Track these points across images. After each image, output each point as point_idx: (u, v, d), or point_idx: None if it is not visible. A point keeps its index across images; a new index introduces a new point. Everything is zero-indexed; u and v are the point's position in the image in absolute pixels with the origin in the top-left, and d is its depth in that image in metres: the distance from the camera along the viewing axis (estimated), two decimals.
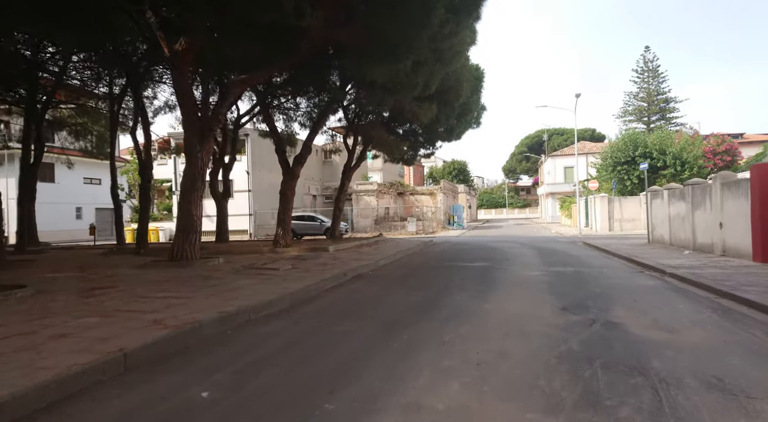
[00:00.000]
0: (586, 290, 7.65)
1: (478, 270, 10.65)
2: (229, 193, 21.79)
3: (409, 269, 11.14)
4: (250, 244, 19.08)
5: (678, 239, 15.28)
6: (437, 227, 37.57)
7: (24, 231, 18.55)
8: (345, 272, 9.74)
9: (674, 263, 10.98)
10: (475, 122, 20.71)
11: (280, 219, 15.63)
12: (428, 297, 7.35)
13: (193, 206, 11.13)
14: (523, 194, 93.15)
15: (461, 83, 16.24)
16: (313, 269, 10.13)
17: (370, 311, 6.47)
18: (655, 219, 17.45)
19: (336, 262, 11.50)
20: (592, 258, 13.32)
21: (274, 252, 14.42)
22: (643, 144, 28.21)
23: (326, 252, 14.25)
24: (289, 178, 15.66)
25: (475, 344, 4.62)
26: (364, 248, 16.50)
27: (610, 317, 5.70)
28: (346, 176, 20.73)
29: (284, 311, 6.48)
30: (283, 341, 4.99)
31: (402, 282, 9.15)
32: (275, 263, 10.96)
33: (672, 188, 16.04)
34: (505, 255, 14.36)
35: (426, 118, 15.04)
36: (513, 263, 12.19)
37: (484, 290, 7.89)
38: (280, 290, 7.46)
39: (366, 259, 12.40)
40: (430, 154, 22.04)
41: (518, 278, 9.26)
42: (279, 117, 24.50)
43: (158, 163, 36.79)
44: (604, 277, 9.28)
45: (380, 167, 57.64)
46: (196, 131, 10.99)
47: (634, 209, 27.91)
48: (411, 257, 14.32)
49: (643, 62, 65.45)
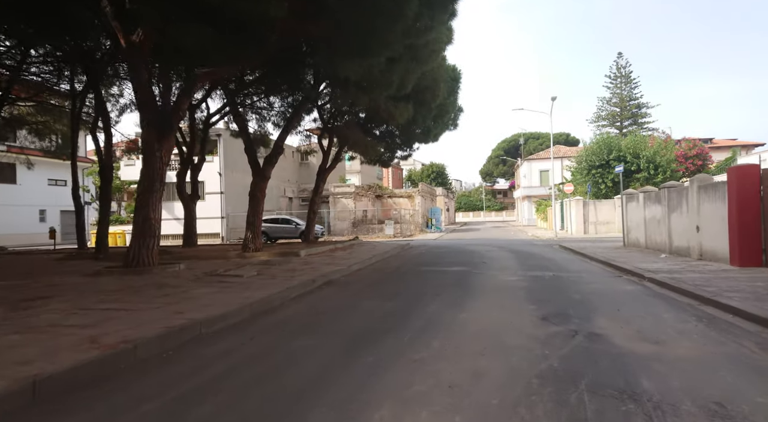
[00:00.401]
0: (566, 297, 7.29)
1: (455, 275, 10.23)
2: (198, 195, 20.87)
3: (384, 275, 10.64)
4: (220, 248, 18.27)
5: (654, 243, 15.25)
6: (415, 230, 37.24)
7: None
8: (314, 278, 9.17)
9: (652, 267, 10.81)
10: (453, 124, 20.42)
11: (250, 222, 14.92)
12: (401, 306, 6.85)
13: (151, 208, 10.37)
14: (500, 197, 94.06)
15: (438, 83, 15.89)
16: (281, 275, 9.52)
17: (336, 323, 5.93)
18: (631, 222, 17.44)
19: (306, 267, 10.91)
20: (569, 262, 13.09)
21: (242, 257, 13.71)
22: (617, 148, 28.51)
23: (297, 257, 13.63)
24: (259, 179, 14.98)
25: (448, 363, 4.14)
26: (338, 252, 15.93)
27: (592, 327, 5.32)
28: (321, 177, 20.12)
29: (241, 325, 5.88)
30: (232, 362, 4.41)
31: (375, 289, 8.63)
32: (240, 269, 10.29)
33: (648, 191, 16.03)
34: (483, 259, 14.02)
35: (402, 118, 14.62)
36: (490, 267, 11.83)
37: (461, 296, 7.44)
38: (239, 299, 6.85)
39: (339, 264, 11.84)
40: (407, 155, 21.67)
41: (496, 284, 8.86)
42: (252, 117, 23.73)
43: (126, 164, 35.45)
44: (583, 282, 8.98)
45: (359, 170, 57.17)
46: (154, 128, 10.25)
47: (608, 212, 28.17)
48: (387, 262, 13.83)
49: (616, 68, 66.94)
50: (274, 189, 38.85)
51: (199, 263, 12.44)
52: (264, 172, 14.97)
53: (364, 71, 10.93)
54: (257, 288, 7.87)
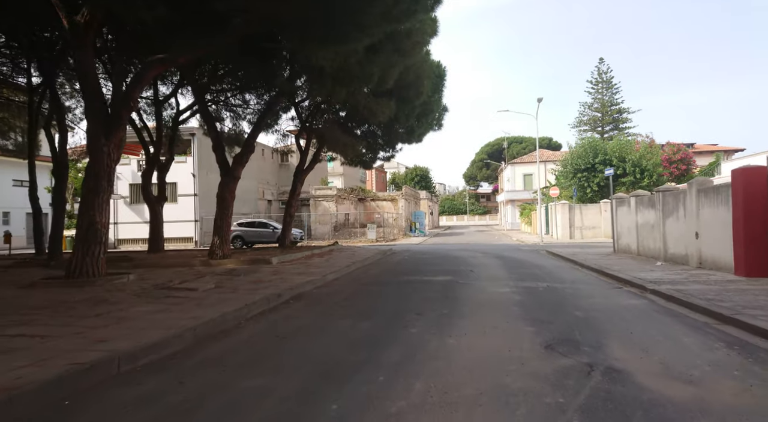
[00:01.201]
0: (568, 315, 6.35)
1: (440, 286, 9.24)
2: (165, 196, 19.48)
3: (361, 286, 9.58)
4: (188, 254, 16.96)
5: (647, 249, 14.55)
6: (398, 235, 36.26)
7: None
8: (281, 291, 8.06)
9: (650, 276, 10.02)
10: (437, 124, 19.51)
11: (217, 226, 13.70)
12: (378, 328, 5.80)
13: (97, 211, 9.12)
14: (483, 201, 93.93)
15: (422, 80, 14.96)
16: (243, 287, 8.38)
17: (298, 352, 4.86)
18: (621, 228, 16.77)
19: (275, 278, 9.78)
20: (561, 270, 12.25)
21: (207, 265, 12.49)
22: (603, 151, 28.07)
23: (268, 265, 12.47)
24: (228, 179, 13.78)
25: (434, 419, 3.11)
26: (314, 258, 14.81)
27: (607, 359, 4.36)
28: (299, 178, 18.97)
29: (178, 356, 4.75)
30: (149, 415, 3.30)
31: (349, 305, 7.56)
32: (198, 280, 9.12)
33: (640, 195, 15.35)
34: (470, 266, 13.09)
35: (384, 116, 13.63)
36: (478, 276, 10.89)
37: (448, 315, 6.43)
38: (185, 321, 5.71)
39: (313, 273, 10.74)
40: (390, 156, 20.69)
41: (486, 298, 7.89)
42: (226, 115, 22.48)
43: None
44: (582, 295, 8.08)
45: (341, 173, 55.98)
46: (101, 119, 9.02)
47: (594, 217, 27.66)
48: (366, 270, 12.77)
49: (598, 74, 67.27)
50: (252, 191, 37.42)
51: (156, 272, 11.19)
52: (234, 171, 13.78)
53: (341, 61, 9.91)
54: (211, 305, 6.73)
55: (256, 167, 37.87)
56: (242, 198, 36.01)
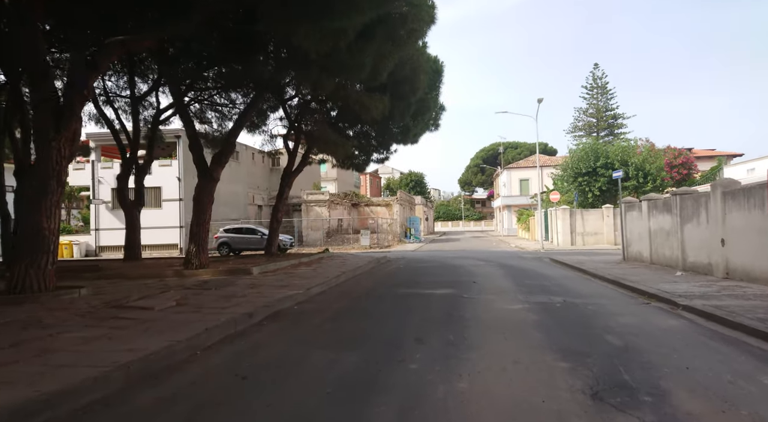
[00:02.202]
0: (602, 343, 5.16)
1: (440, 302, 8.03)
2: (142, 201, 18.17)
3: (350, 302, 8.34)
4: (165, 263, 15.64)
5: (661, 257, 13.45)
6: (393, 241, 35.05)
7: None
8: (254, 309, 6.81)
9: (676, 289, 8.89)
10: (434, 124, 18.39)
11: (194, 233, 12.42)
12: (368, 362, 4.58)
13: (44, 216, 7.84)
14: (478, 207, 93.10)
15: (418, 75, 13.84)
16: (209, 305, 7.12)
17: (256, 405, 3.62)
18: (631, 234, 15.67)
19: (251, 292, 8.52)
20: (572, 281, 11.09)
21: (180, 276, 11.21)
22: (604, 155, 27.09)
23: (248, 275, 11.21)
24: (206, 181, 12.53)
25: None
26: (301, 268, 13.54)
27: (683, 416, 3.18)
28: (286, 181, 17.74)
29: (91, 409, 3.50)
30: None
31: (334, 328, 6.31)
32: (160, 295, 7.84)
33: (653, 199, 14.27)
34: (471, 277, 11.90)
35: (377, 112, 12.46)
36: (483, 288, 9.69)
37: (454, 343, 5.22)
38: (119, 354, 4.46)
39: (296, 285, 9.49)
40: (384, 158, 19.54)
41: (497, 318, 6.69)
42: (211, 115, 21.30)
43: (74, 167, 32.20)
44: (608, 314, 6.90)
45: (335, 178, 54.84)
46: (50, 109, 7.77)
47: (596, 223, 26.62)
48: (357, 281, 11.54)
49: (593, 79, 66.93)
50: (241, 196, 36.10)
51: (119, 284, 9.89)
52: (212, 172, 12.53)
53: (328, 46, 8.73)
54: (162, 330, 5.48)
55: (245, 171, 36.60)
56: (231, 203, 34.71)
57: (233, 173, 35.27)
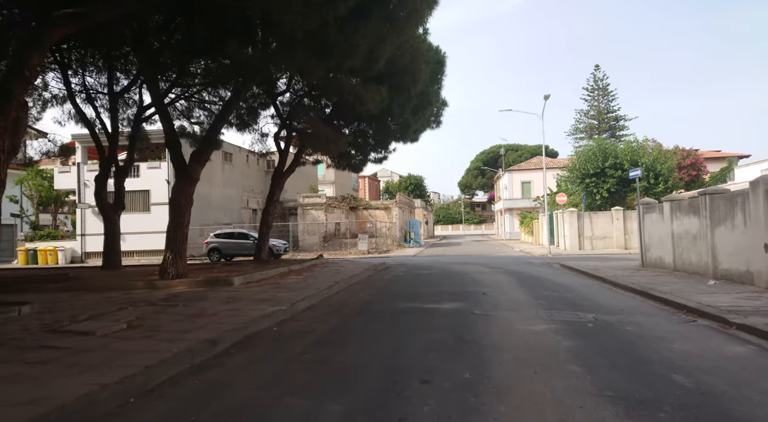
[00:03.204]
0: (668, 384, 3.90)
1: (447, 320, 6.76)
2: (123, 204, 16.92)
3: (340, 321, 7.06)
4: (143, 271, 14.36)
5: (687, 264, 12.21)
6: (392, 245, 33.78)
7: None
8: (221, 334, 5.55)
9: (718, 302, 7.67)
10: (435, 121, 17.16)
11: (170, 239, 11.15)
12: (358, 418, 3.32)
13: None
14: (478, 210, 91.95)
15: (418, 64, 12.63)
16: (168, 328, 5.85)
17: None
18: (650, 238, 14.44)
19: (224, 308, 7.25)
20: (594, 292, 9.84)
21: (152, 287, 9.94)
22: (613, 155, 25.88)
23: (228, 286, 9.94)
24: (184, 182, 11.27)
25: None
26: (290, 277, 12.27)
27: None
28: (277, 183, 16.50)
29: None
30: None
31: (315, 360, 5.01)
32: (115, 314, 6.57)
33: (676, 200, 13.05)
34: (480, 286, 10.64)
35: (374, 104, 11.24)
36: (495, 302, 8.43)
37: (472, 386, 3.94)
38: (9, 411, 3.20)
39: (280, 299, 8.22)
40: (382, 158, 18.29)
41: (521, 345, 5.41)
42: (199, 113, 20.13)
43: (60, 170, 30.99)
44: (654, 337, 5.65)
45: (332, 181, 53.61)
46: None
47: (605, 226, 25.38)
48: (352, 292, 10.27)
49: (594, 81, 66.12)
50: (235, 200, 34.84)
51: (78, 298, 8.61)
52: (191, 172, 11.28)
53: (316, 23, 7.52)
54: (94, 365, 4.21)
55: (240, 173, 35.37)
56: (224, 207, 33.43)
57: (226, 176, 34.03)
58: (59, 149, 21.00)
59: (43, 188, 31.97)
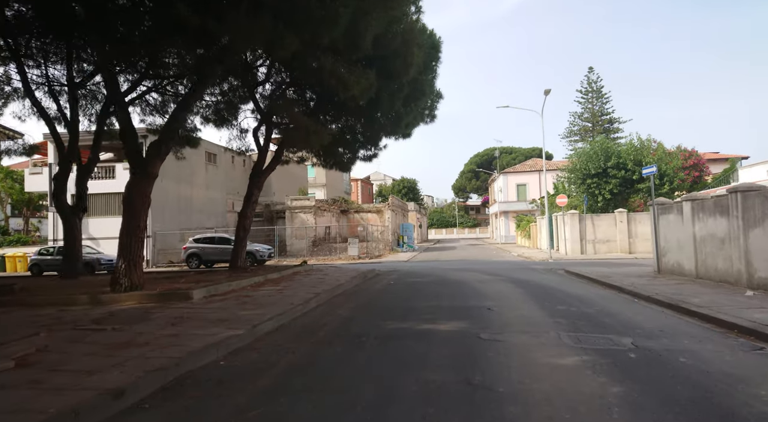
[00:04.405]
0: None
1: (448, 350, 5.28)
2: (85, 206, 15.30)
3: (309, 352, 5.54)
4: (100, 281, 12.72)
5: (712, 270, 10.86)
6: (384, 250, 32.28)
7: None
8: (141, 376, 4.02)
9: None
10: (429, 115, 15.72)
11: (123, 244, 9.57)
12: None
13: None
14: (472, 214, 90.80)
15: (410, 47, 11.21)
16: (72, 365, 4.31)
17: None
18: (667, 242, 13.08)
19: (164, 334, 5.70)
20: (616, 305, 8.41)
21: (94, 302, 8.35)
22: (616, 154, 24.63)
23: (184, 302, 8.37)
24: (140, 178, 9.72)
25: None
26: (264, 287, 10.71)
27: None
28: (256, 182, 14.95)
29: None
30: None
31: (267, 419, 3.53)
32: (16, 343, 5.01)
33: (698, 199, 11.70)
34: (482, 299, 9.16)
35: (359, 89, 9.77)
36: (504, 320, 6.96)
37: None
38: None
39: (241, 319, 6.69)
40: (372, 155, 16.79)
41: (551, 393, 3.93)
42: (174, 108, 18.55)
43: (31, 171, 29.22)
44: (724, 374, 4.21)
45: (324, 183, 52.08)
46: None
47: (608, 229, 24.05)
48: (332, 307, 8.74)
49: (587, 83, 65.46)
50: (219, 203, 33.17)
51: (5, 315, 7.03)
52: (147, 166, 9.73)
53: None
54: None
55: (224, 175, 33.73)
56: (207, 210, 31.75)
57: (210, 177, 32.38)
58: (24, 147, 19.29)
59: (14, 190, 30.09)
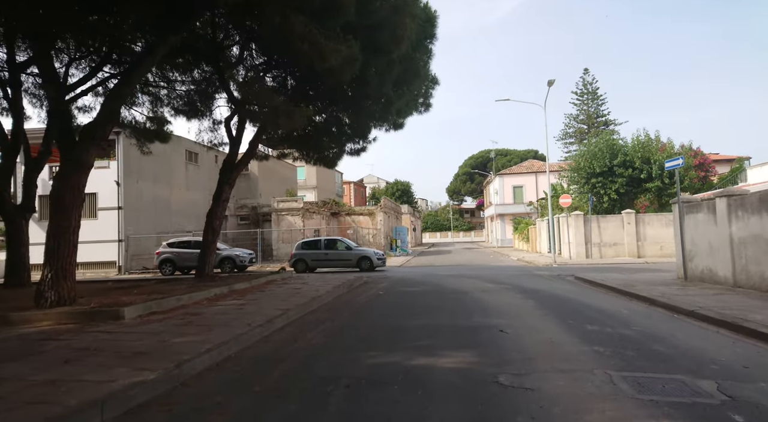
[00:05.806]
0: None
1: (456, 408, 3.54)
2: (33, 207, 13.41)
3: (250, 407, 3.79)
4: None
5: (756, 278, 9.23)
6: None
7: None
8: None
9: None
10: (424, 103, 14.01)
11: (50, 249, 7.74)
12: None
13: None
14: (467, 217, 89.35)
15: (402, 17, 9.51)
16: None
17: None
18: (694, 245, 11.45)
19: (40, 380, 3.91)
20: (660, 325, 6.71)
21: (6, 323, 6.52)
22: (622, 152, 23.08)
23: (111, 323, 6.55)
24: (71, 168, 7.89)
25: None
26: (224, 301, 8.87)
27: None
28: (227, 178, 13.14)
29: None
30: None
31: None
32: None
33: (737, 195, 10.06)
34: (490, 315, 7.42)
35: (336, 59, 8.05)
36: (525, 348, 5.23)
37: None
38: None
39: (169, 350, 4.90)
40: (360, 149, 15.01)
41: None
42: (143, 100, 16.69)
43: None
44: None
45: (315, 185, 50.23)
46: None
47: (615, 231, 22.44)
48: (301, 330, 6.94)
49: (583, 85, 64.62)
50: (201, 205, 31.13)
51: None
52: (80, 153, 7.90)
53: None
54: None
55: (206, 176, 31.77)
56: (188, 212, 29.80)
57: (191, 178, 30.44)
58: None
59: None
